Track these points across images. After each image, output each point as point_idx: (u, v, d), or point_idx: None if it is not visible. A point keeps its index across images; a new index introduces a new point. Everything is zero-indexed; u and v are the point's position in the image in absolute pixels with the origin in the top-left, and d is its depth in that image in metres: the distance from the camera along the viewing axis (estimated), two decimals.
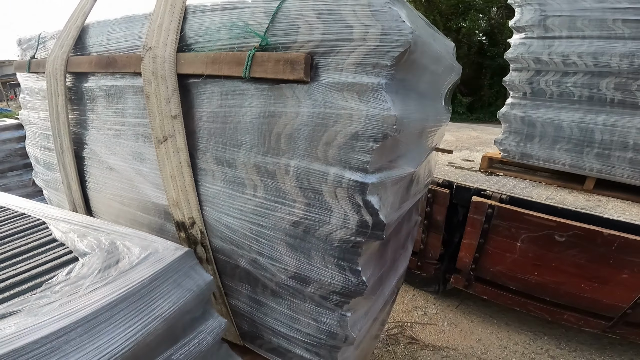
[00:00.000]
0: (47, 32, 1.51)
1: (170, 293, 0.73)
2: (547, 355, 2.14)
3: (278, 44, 0.82)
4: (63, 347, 0.56)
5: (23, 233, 0.93)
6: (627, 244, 1.71)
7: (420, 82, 0.96)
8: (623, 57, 2.03)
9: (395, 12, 0.70)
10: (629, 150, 2.09)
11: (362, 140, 0.76)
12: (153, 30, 1.02)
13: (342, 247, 0.87)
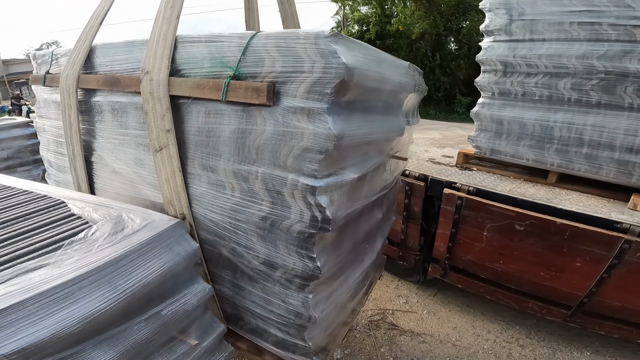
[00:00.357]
0: (59, 50, 1.72)
1: (163, 254, 0.95)
2: (517, 344, 2.29)
3: (248, 74, 1.01)
4: (76, 293, 0.77)
5: (47, 210, 1.15)
6: (578, 232, 1.87)
7: (366, 103, 1.15)
8: (578, 59, 2.18)
9: (333, 50, 0.88)
10: (585, 146, 2.25)
11: (311, 152, 0.95)
12: (149, 56, 1.21)
13: (300, 237, 1.06)
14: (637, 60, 2.00)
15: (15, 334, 0.72)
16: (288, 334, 1.31)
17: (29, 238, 0.98)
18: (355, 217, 1.30)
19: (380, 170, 1.40)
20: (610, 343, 2.27)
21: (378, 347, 2.16)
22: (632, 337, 2.00)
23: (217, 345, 1.17)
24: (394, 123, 1.40)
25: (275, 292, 1.23)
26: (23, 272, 0.81)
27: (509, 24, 2.44)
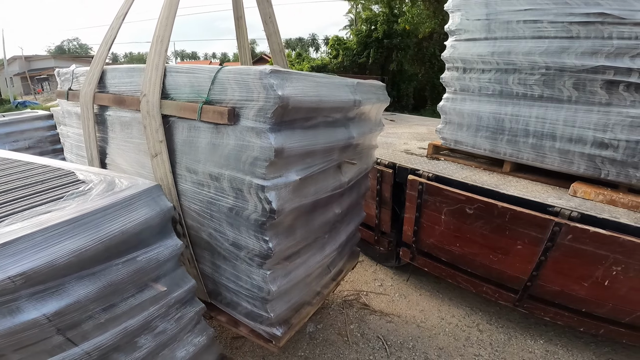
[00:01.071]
0: (78, 70, 2.07)
1: (142, 208, 1.24)
2: (476, 329, 2.46)
3: (216, 100, 1.33)
4: (70, 232, 1.04)
5: (59, 177, 1.48)
6: (516, 215, 2.06)
7: (307, 120, 1.45)
8: (524, 55, 2.37)
9: (271, 84, 1.19)
10: (530, 136, 2.45)
11: (259, 160, 1.27)
12: (146, 82, 1.54)
13: (255, 224, 1.39)
14: (573, 55, 2.19)
15: (21, 260, 0.95)
16: (255, 306, 1.64)
17: (43, 193, 1.30)
18: (307, 210, 1.61)
19: (329, 173, 1.70)
20: (565, 333, 2.40)
21: (348, 324, 2.42)
22: (574, 324, 2.13)
23: (188, 300, 1.46)
24: (340, 134, 1.69)
25: (242, 269, 1.57)
26: (35, 214, 1.11)
27: (467, 25, 2.65)
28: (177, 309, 1.42)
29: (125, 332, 1.24)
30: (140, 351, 1.32)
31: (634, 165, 2.08)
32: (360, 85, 1.76)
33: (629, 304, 1.90)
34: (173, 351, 1.46)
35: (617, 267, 1.83)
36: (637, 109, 2.05)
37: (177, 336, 1.46)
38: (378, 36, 11.44)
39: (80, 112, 1.96)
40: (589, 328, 2.09)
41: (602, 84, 2.14)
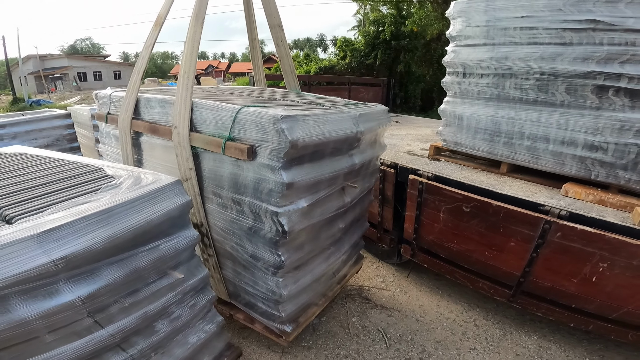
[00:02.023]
0: (114, 95, 2.21)
1: (164, 201, 1.33)
2: (473, 324, 2.47)
3: (236, 137, 1.50)
4: (109, 219, 1.15)
5: (90, 172, 1.57)
6: (509, 214, 2.10)
7: (314, 155, 1.60)
8: (520, 61, 2.39)
9: (282, 128, 1.34)
10: (525, 139, 2.47)
11: (274, 192, 1.45)
12: (176, 115, 1.71)
13: (270, 241, 1.57)
14: (566, 61, 2.21)
15: (63, 245, 1.02)
16: (269, 307, 1.83)
17: (78, 186, 1.40)
18: (314, 229, 1.78)
19: (334, 195, 1.86)
20: (559, 330, 2.41)
21: (350, 317, 2.49)
22: (565, 320, 2.15)
23: (201, 288, 1.58)
24: (344, 162, 1.84)
25: (259, 276, 1.76)
26: (75, 205, 1.20)
27: (468, 31, 2.68)
28: (192, 296, 1.55)
29: (145, 316, 1.34)
30: (157, 335, 1.43)
31: (622, 167, 2.09)
32: (363, 116, 1.87)
33: (615, 300, 1.92)
34: (186, 337, 1.59)
35: (603, 264, 1.86)
36: (626, 113, 2.06)
37: (190, 322, 1.58)
38: (386, 37, 11.33)
39: (118, 135, 2.14)
40: (579, 324, 2.11)
41: (593, 89, 2.15)
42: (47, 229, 1.03)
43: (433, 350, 2.21)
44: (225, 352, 1.86)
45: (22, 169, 1.63)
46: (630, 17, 1.99)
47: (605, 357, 2.19)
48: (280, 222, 1.50)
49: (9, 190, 1.35)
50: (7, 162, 1.77)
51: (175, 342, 1.53)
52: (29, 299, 1.00)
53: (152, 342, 1.40)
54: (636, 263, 1.76)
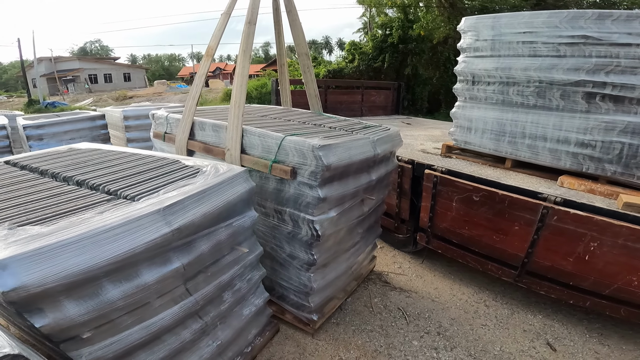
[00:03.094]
0: (170, 117, 2.56)
1: (237, 186, 1.67)
2: (483, 304, 2.72)
3: (280, 160, 1.89)
4: (205, 199, 1.46)
5: (172, 163, 1.89)
6: (513, 201, 2.39)
7: (342, 175, 2.00)
8: (522, 70, 2.73)
9: (320, 155, 1.73)
10: (527, 138, 2.81)
11: (311, 204, 1.85)
12: (229, 139, 2.10)
13: (306, 243, 1.97)
14: (561, 71, 2.55)
15: (176, 219, 1.30)
16: (300, 298, 2.22)
17: (172, 173, 1.73)
18: (339, 234, 2.20)
19: (356, 206, 2.27)
20: (562, 310, 2.63)
21: (372, 298, 2.79)
22: (564, 297, 2.38)
23: (256, 265, 1.96)
24: (364, 179, 2.26)
25: (293, 272, 2.16)
26: (179, 187, 1.50)
27: (477, 44, 3.03)
28: (249, 271, 1.93)
29: (219, 285, 1.66)
30: (224, 305, 1.74)
31: (608, 161, 2.42)
32: (379, 140, 2.27)
33: (606, 277, 2.17)
34: (242, 308, 1.93)
35: (593, 243, 2.13)
36: (610, 116, 2.39)
37: (245, 295, 1.92)
38: (393, 41, 11.65)
39: (174, 152, 2.48)
40: (577, 301, 2.35)
41: (583, 95, 2.49)
42: (169, 204, 1.35)
43: (449, 326, 2.50)
44: (267, 326, 2.24)
45: (109, 161, 2.00)
46: (615, 32, 2.31)
47: (603, 335, 2.43)
48: (315, 228, 1.90)
49: (114, 177, 1.71)
50: (89, 156, 2.14)
51: (234, 313, 1.88)
52: (151, 265, 1.34)
53: (220, 311, 1.74)
54: (621, 242, 2.05)
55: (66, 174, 1.78)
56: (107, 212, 1.30)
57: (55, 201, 1.45)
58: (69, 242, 1.10)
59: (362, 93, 6.60)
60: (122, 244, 1.20)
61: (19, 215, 1.31)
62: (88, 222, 1.21)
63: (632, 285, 2.11)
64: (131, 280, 1.28)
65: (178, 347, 1.52)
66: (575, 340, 2.39)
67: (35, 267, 1.02)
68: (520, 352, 2.27)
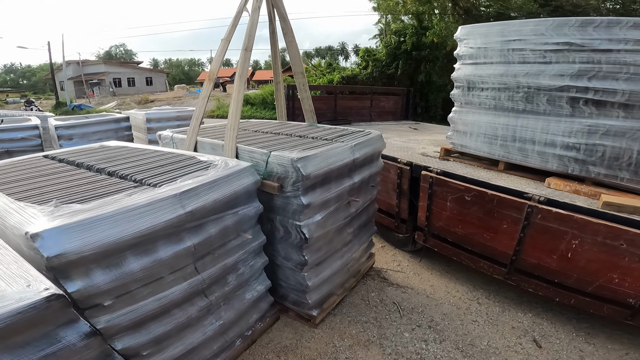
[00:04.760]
0: (176, 137, 2.83)
1: (244, 178, 1.94)
2: (476, 302, 2.87)
3: (268, 176, 2.17)
4: (216, 187, 1.76)
5: (188, 159, 2.20)
6: (501, 200, 2.55)
7: (323, 181, 2.26)
8: (512, 77, 2.93)
9: (298, 167, 2.00)
10: (517, 141, 2.99)
11: (297, 211, 2.13)
12: (225, 155, 2.38)
13: (297, 246, 2.23)
14: (547, 77, 2.73)
15: (192, 202, 1.58)
16: (298, 296, 2.46)
17: (189, 167, 2.03)
18: (328, 235, 2.44)
19: (341, 209, 2.52)
20: (551, 310, 2.76)
21: (369, 292, 3.00)
22: (550, 295, 2.48)
23: (258, 252, 2.23)
24: (346, 182, 2.51)
25: (290, 273, 2.41)
26: (194, 177, 1.77)
27: (471, 52, 3.25)
28: (252, 257, 2.20)
29: (224, 267, 1.90)
30: (228, 286, 1.98)
31: (592, 163, 2.58)
32: (358, 145, 2.55)
33: (588, 274, 2.29)
34: (244, 292, 2.18)
35: (575, 241, 2.27)
36: (593, 119, 2.56)
37: (248, 280, 2.18)
38: (407, 48, 11.91)
39: None
40: (562, 298, 2.45)
41: (567, 100, 2.67)
42: (184, 190, 1.65)
43: (440, 321, 2.67)
44: (268, 312, 2.49)
45: (135, 156, 2.35)
46: (596, 39, 2.50)
47: (590, 334, 2.53)
48: (303, 232, 2.15)
49: (140, 169, 2.05)
50: (118, 152, 2.51)
51: (237, 296, 2.13)
52: (167, 242, 1.63)
53: (224, 292, 1.99)
54: (600, 239, 2.18)
55: (99, 166, 2.13)
56: (134, 195, 1.61)
57: (91, 187, 1.78)
58: (104, 217, 1.41)
59: (372, 99, 6.87)
60: (146, 220, 1.50)
61: (61, 197, 1.63)
62: (119, 201, 1.52)
63: (613, 283, 2.21)
64: (150, 254, 1.57)
65: (184, 322, 1.77)
66: (562, 338, 2.50)
67: (75, 236, 1.30)
68: (506, 348, 2.41)
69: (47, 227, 1.28)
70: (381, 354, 2.35)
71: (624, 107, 2.43)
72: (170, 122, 5.81)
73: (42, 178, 1.97)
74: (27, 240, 1.26)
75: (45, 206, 1.47)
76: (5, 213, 1.46)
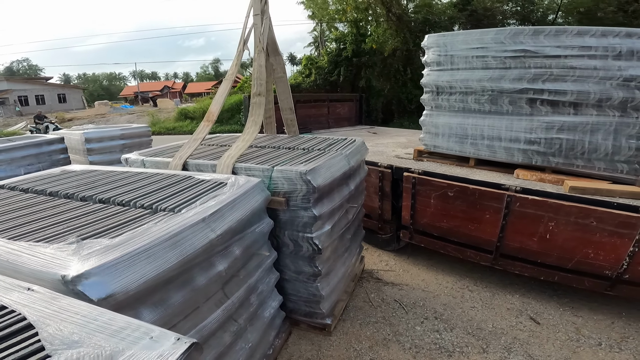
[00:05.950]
0: (147, 160, 2.61)
1: (257, 195, 1.91)
2: (467, 289, 3.14)
3: (274, 191, 2.13)
4: (236, 207, 1.69)
5: (186, 178, 2.07)
6: (482, 193, 2.86)
7: (329, 191, 2.33)
8: (477, 81, 3.29)
9: (308, 179, 2.01)
10: (485, 139, 3.37)
11: (308, 223, 2.13)
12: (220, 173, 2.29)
13: (309, 258, 2.24)
14: (508, 81, 3.13)
15: (218, 225, 1.52)
16: (311, 307, 2.46)
17: (195, 187, 1.92)
18: (334, 243, 2.49)
19: (343, 217, 2.61)
20: (535, 289, 3.07)
21: (369, 294, 3.11)
22: (535, 274, 2.79)
23: (271, 269, 2.22)
24: (345, 190, 2.61)
25: (301, 285, 2.40)
26: (211, 197, 1.70)
27: (438, 59, 3.56)
28: (267, 274, 2.16)
29: (248, 287, 1.85)
30: (252, 307, 1.94)
31: (551, 154, 3.04)
32: (351, 153, 2.66)
33: (566, 252, 2.60)
34: (263, 311, 2.13)
35: (551, 223, 2.64)
36: (549, 117, 3.01)
37: (265, 298, 2.13)
38: (348, 55, 12.53)
39: None
40: (547, 276, 2.74)
41: (526, 101, 3.09)
42: (212, 213, 1.56)
43: (443, 311, 2.86)
44: (282, 327, 2.44)
45: (119, 180, 2.13)
46: (547, 46, 2.94)
47: (574, 308, 2.84)
48: (315, 243, 2.18)
49: (139, 194, 1.84)
50: (93, 176, 2.25)
51: (258, 316, 2.06)
52: (201, 270, 1.53)
53: (249, 314, 1.92)
54: (573, 219, 2.55)
55: (84, 194, 1.88)
56: (159, 223, 1.46)
57: (94, 217, 1.57)
58: (143, 250, 1.26)
59: (328, 106, 7.08)
60: (183, 249, 1.38)
61: (71, 232, 1.41)
62: (150, 232, 1.37)
63: (589, 258, 2.54)
64: (188, 284, 1.46)
65: (222, 351, 1.67)
66: (553, 314, 2.80)
67: (119, 274, 1.16)
68: (510, 327, 2.66)
69: (89, 268, 1.11)
70: (402, 350, 2.46)
71: (573, 106, 2.91)
72: (114, 141, 5.25)
73: (21, 212, 1.68)
74: (63, 285, 1.08)
75: (63, 244, 1.27)
76: (10, 256, 1.23)
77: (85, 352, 0.76)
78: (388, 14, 11.93)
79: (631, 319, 2.72)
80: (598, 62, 2.77)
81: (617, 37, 2.71)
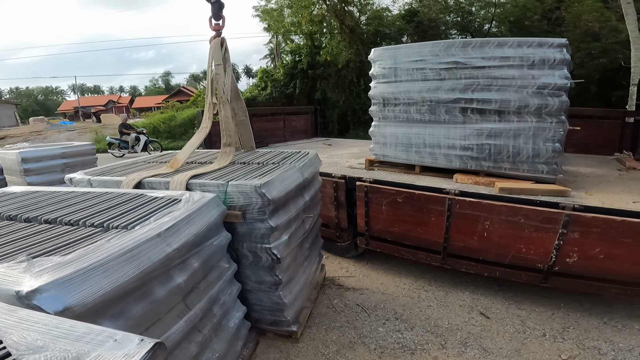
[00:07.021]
0: (94, 179, 2.59)
1: (213, 209, 1.97)
2: (422, 290, 3.36)
3: (230, 205, 2.25)
4: (191, 222, 1.75)
5: (135, 197, 1.95)
6: (427, 198, 3.09)
7: (284, 203, 2.48)
8: (418, 92, 3.65)
9: (263, 192, 2.15)
10: (427, 147, 3.74)
11: (265, 235, 2.27)
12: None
13: (269, 267, 2.37)
14: (443, 91, 3.52)
15: (176, 238, 1.59)
16: (276, 315, 2.57)
17: (147, 204, 1.97)
18: (292, 252, 2.65)
19: (300, 227, 2.78)
20: (482, 286, 3.32)
21: (332, 300, 3.28)
22: (480, 271, 3.01)
23: (232, 280, 2.29)
24: (301, 201, 2.76)
25: (264, 295, 2.51)
26: (166, 214, 1.75)
27: (383, 72, 3.89)
28: (229, 285, 2.25)
29: (210, 298, 1.91)
30: (215, 317, 1.99)
31: (483, 159, 3.47)
32: (305, 165, 2.84)
33: (503, 248, 2.85)
34: (228, 321, 2.16)
35: (487, 222, 2.93)
36: (479, 124, 3.46)
37: (228, 309, 2.21)
38: (303, 67, 12.94)
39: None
40: (489, 272, 2.97)
41: (459, 110, 3.52)
42: (167, 228, 1.64)
43: (402, 312, 3.08)
44: (249, 337, 2.52)
45: (62, 201, 2.13)
46: (474, 57, 3.37)
47: (517, 301, 3.09)
48: (274, 253, 2.29)
49: (86, 214, 1.86)
50: (37, 197, 2.23)
51: (222, 326, 2.13)
52: (159, 282, 1.61)
53: (213, 324, 2.00)
54: (504, 218, 2.86)
55: (27, 215, 1.88)
56: (114, 239, 1.54)
57: (41, 237, 1.59)
58: (97, 265, 1.33)
59: (284, 119, 7.30)
60: (139, 262, 1.47)
61: (18, 251, 1.44)
62: (103, 248, 1.45)
63: (522, 252, 2.80)
64: (147, 296, 1.54)
65: None
66: (500, 308, 3.04)
67: (74, 289, 1.22)
68: (464, 323, 2.87)
69: (42, 283, 1.18)
70: (368, 351, 2.63)
71: (498, 113, 3.36)
72: (55, 160, 5.03)
73: None
74: (18, 301, 1.14)
75: (12, 263, 1.31)
76: None
77: (52, 355, 0.84)
78: (342, 27, 12.50)
79: (569, 310, 2.99)
80: (516, 71, 3.21)
81: (530, 47, 3.15)
